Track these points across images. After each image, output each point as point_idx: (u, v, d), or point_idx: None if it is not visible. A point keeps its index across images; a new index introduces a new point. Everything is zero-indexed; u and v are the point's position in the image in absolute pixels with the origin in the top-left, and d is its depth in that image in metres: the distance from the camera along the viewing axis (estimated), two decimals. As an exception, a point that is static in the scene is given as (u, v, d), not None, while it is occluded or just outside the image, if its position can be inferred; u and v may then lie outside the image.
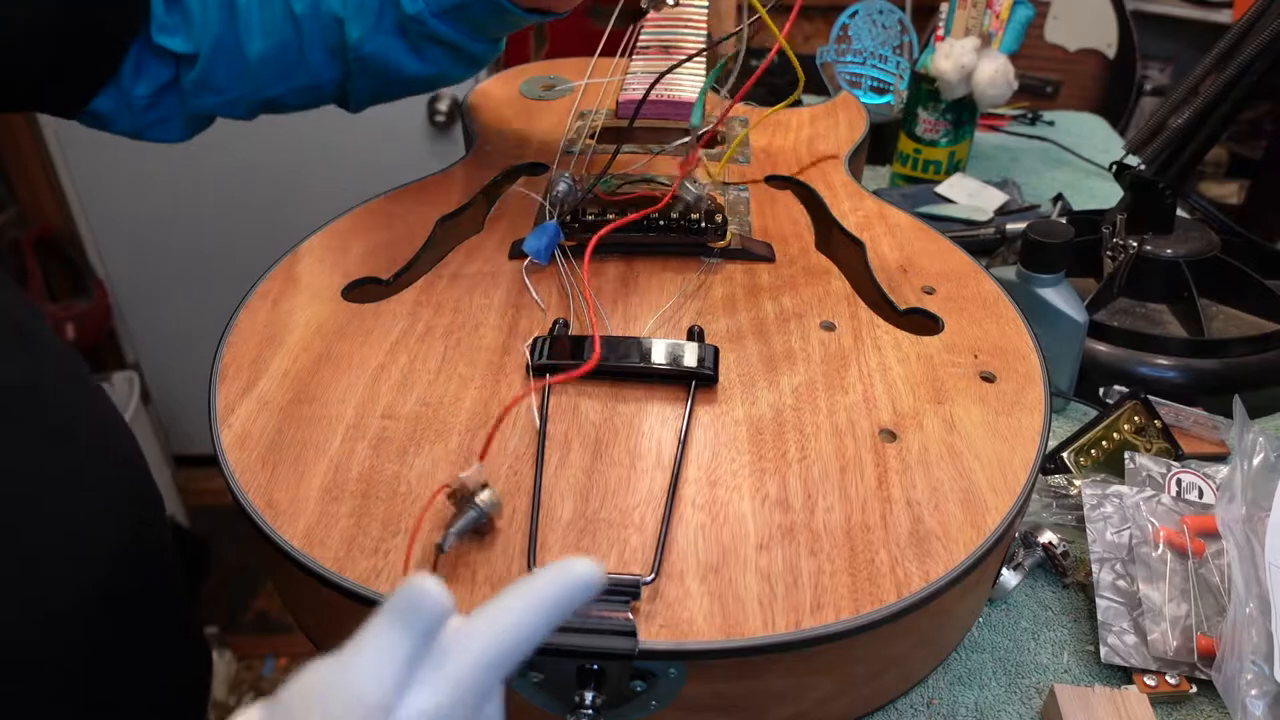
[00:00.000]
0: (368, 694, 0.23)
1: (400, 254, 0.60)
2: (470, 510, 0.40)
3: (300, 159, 1.60)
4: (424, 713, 0.23)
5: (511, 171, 0.70)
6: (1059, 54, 1.88)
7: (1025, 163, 1.06)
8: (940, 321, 0.55)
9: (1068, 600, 0.53)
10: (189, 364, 1.75)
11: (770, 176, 0.71)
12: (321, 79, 0.64)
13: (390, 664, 0.23)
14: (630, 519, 0.42)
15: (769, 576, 0.39)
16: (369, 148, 1.58)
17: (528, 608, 0.25)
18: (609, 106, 0.79)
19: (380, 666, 0.23)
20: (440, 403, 0.48)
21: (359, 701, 0.22)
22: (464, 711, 0.24)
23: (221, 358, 0.51)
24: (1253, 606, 0.46)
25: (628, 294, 0.56)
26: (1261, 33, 0.65)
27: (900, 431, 0.46)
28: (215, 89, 0.62)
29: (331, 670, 0.23)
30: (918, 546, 0.41)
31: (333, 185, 1.61)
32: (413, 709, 0.23)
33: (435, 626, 0.24)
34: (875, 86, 1.05)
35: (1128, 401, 0.62)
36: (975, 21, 0.91)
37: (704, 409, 0.47)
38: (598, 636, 0.37)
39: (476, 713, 0.24)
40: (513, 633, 0.25)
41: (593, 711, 0.37)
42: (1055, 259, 0.62)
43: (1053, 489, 0.58)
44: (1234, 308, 0.72)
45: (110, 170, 1.59)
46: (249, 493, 0.43)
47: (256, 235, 1.62)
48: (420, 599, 0.23)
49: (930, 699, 0.47)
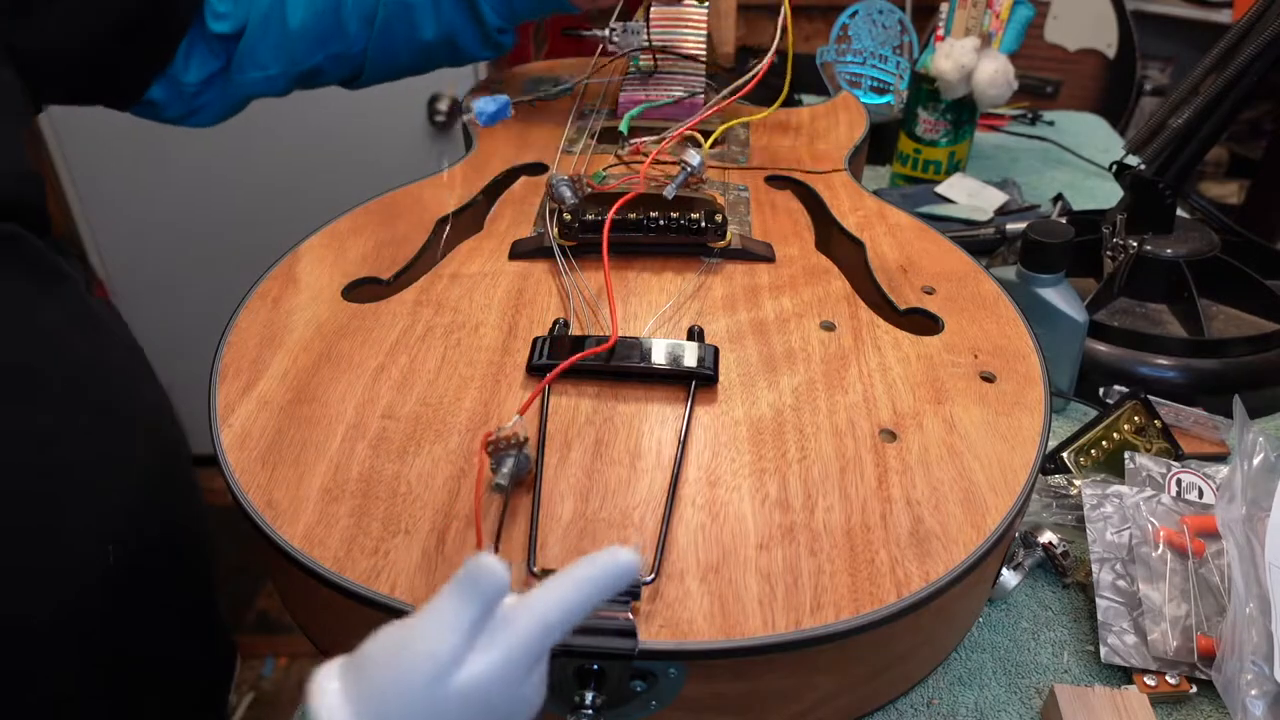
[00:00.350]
0: (438, 651, 0.26)
1: (400, 254, 0.60)
2: (512, 456, 0.41)
3: (300, 159, 1.60)
4: (488, 668, 0.26)
5: (511, 171, 0.70)
6: (1059, 54, 1.88)
7: (1025, 163, 1.06)
8: (940, 321, 0.55)
9: (1068, 600, 0.53)
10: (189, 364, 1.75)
11: (770, 176, 0.71)
12: (355, 48, 0.70)
13: (457, 627, 0.26)
14: (630, 519, 0.42)
15: (769, 576, 0.39)
16: (369, 148, 1.58)
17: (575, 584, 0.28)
18: (609, 107, 0.79)
19: (449, 628, 0.26)
20: (440, 403, 0.48)
21: (429, 658, 0.26)
22: (518, 672, 0.27)
23: (221, 358, 0.51)
24: (1253, 606, 0.46)
25: (628, 294, 0.56)
26: (1261, 33, 0.65)
27: (900, 431, 0.46)
28: (259, 64, 0.67)
29: (407, 629, 0.27)
30: (918, 546, 0.41)
31: (333, 185, 1.60)
32: (477, 666, 0.26)
33: (496, 597, 0.27)
34: (875, 86, 1.05)
35: (1128, 401, 0.62)
36: (975, 21, 0.91)
37: (704, 409, 0.47)
38: (598, 636, 0.37)
39: (528, 674, 0.28)
40: (560, 606, 0.28)
41: (593, 711, 0.37)
42: (1055, 259, 0.62)
43: (1053, 489, 0.58)
44: (1234, 308, 0.72)
45: (110, 170, 1.59)
46: (249, 493, 0.43)
47: (256, 235, 1.62)
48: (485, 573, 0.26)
49: (930, 699, 0.47)
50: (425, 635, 0.26)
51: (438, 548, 0.41)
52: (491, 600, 0.27)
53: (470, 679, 0.26)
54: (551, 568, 0.39)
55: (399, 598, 0.39)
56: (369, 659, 0.27)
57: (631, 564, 0.29)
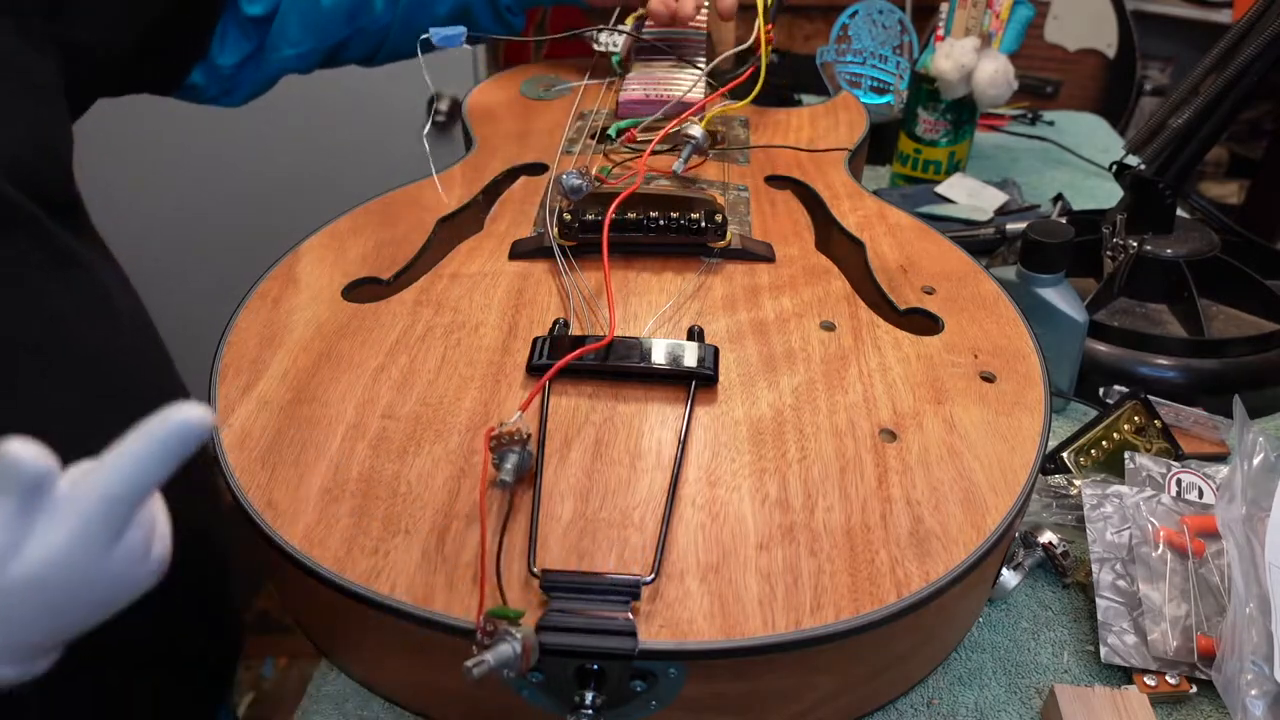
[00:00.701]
0: None
1: (400, 254, 0.60)
2: (515, 452, 0.42)
3: (300, 159, 1.60)
4: (47, 550, 0.26)
5: (511, 171, 0.70)
6: (1059, 54, 1.88)
7: (1025, 163, 1.06)
8: (940, 321, 0.55)
9: (1068, 600, 0.53)
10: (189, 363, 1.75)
11: (770, 176, 0.71)
12: (380, 23, 0.73)
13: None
14: (630, 519, 0.42)
15: (769, 576, 0.39)
16: (369, 148, 1.58)
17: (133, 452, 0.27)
18: (609, 106, 0.79)
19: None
20: (440, 403, 0.48)
21: None
22: (92, 547, 0.27)
23: (221, 358, 0.51)
24: (1253, 606, 0.46)
25: (628, 294, 0.56)
26: (1261, 33, 0.65)
27: (900, 431, 0.46)
28: (291, 41, 0.69)
29: None
30: (918, 546, 0.41)
31: (333, 185, 1.61)
32: (35, 552, 0.26)
33: (36, 484, 0.26)
34: (875, 86, 1.05)
35: (1128, 401, 0.62)
36: (975, 21, 0.91)
37: (704, 409, 0.47)
38: (598, 636, 0.37)
39: (107, 548, 0.28)
40: (128, 469, 0.27)
41: (593, 711, 0.37)
42: (1055, 259, 0.62)
43: (1053, 489, 0.58)
44: (1234, 308, 0.72)
45: (110, 170, 1.59)
46: (249, 493, 0.43)
47: (256, 235, 1.62)
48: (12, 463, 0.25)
49: (930, 699, 0.47)
50: None
51: (438, 548, 0.41)
52: (29, 488, 0.26)
53: (28, 565, 0.26)
54: (552, 568, 0.39)
55: (399, 598, 0.39)
56: None
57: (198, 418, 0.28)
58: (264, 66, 0.70)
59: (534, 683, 0.39)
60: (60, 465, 0.28)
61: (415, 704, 0.46)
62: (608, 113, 0.78)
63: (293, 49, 0.70)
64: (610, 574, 0.39)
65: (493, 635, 0.36)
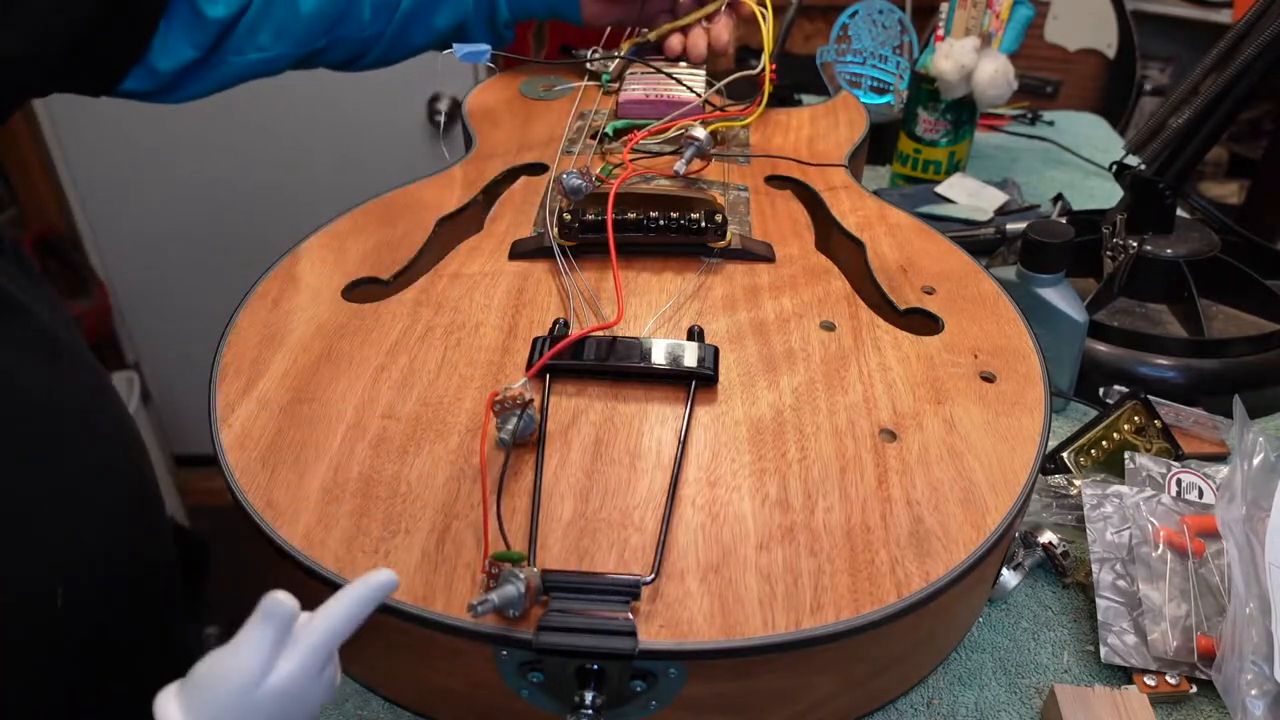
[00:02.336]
0: (248, 667, 0.34)
1: (400, 254, 0.60)
2: (516, 415, 0.43)
3: (300, 159, 1.60)
4: (289, 673, 0.34)
5: (511, 171, 0.70)
6: (1059, 54, 1.88)
7: (1025, 163, 1.06)
8: (940, 321, 0.55)
9: (1068, 600, 0.53)
10: (189, 364, 1.75)
11: (770, 176, 0.71)
12: (366, 32, 0.69)
13: (260, 647, 0.34)
14: (630, 519, 0.42)
15: (769, 576, 0.39)
16: (369, 148, 1.58)
17: (346, 603, 0.36)
18: (609, 106, 0.79)
19: (255, 649, 0.34)
20: (440, 403, 0.48)
21: (242, 672, 0.34)
22: (312, 672, 0.35)
23: (221, 358, 0.51)
24: (1253, 606, 0.46)
25: (628, 294, 0.56)
26: (1261, 33, 0.65)
27: (900, 431, 0.46)
28: (259, 46, 0.65)
29: (223, 652, 0.34)
30: (918, 546, 0.41)
31: (333, 185, 1.61)
32: (281, 672, 0.34)
33: (289, 622, 0.34)
34: (875, 86, 1.05)
35: (1128, 401, 0.62)
36: (975, 21, 0.91)
37: (704, 409, 0.47)
38: (598, 636, 0.37)
39: (320, 673, 0.36)
40: (338, 619, 0.35)
41: (593, 711, 0.37)
42: (1055, 259, 0.62)
43: (1053, 489, 0.58)
44: (1234, 308, 0.72)
45: (110, 170, 1.59)
46: (249, 493, 0.43)
47: (256, 235, 1.62)
48: (277, 606, 0.34)
49: (930, 699, 0.47)
50: (237, 655, 0.34)
51: (438, 548, 0.41)
52: (286, 623, 0.34)
53: (276, 683, 0.34)
54: (552, 568, 0.39)
55: (399, 598, 0.39)
56: (198, 678, 0.34)
57: (390, 581, 0.36)
58: (220, 69, 0.65)
59: (534, 683, 0.39)
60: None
61: (415, 704, 0.46)
62: (608, 113, 0.78)
63: (259, 54, 0.65)
64: (610, 574, 0.39)
65: (497, 578, 0.38)
